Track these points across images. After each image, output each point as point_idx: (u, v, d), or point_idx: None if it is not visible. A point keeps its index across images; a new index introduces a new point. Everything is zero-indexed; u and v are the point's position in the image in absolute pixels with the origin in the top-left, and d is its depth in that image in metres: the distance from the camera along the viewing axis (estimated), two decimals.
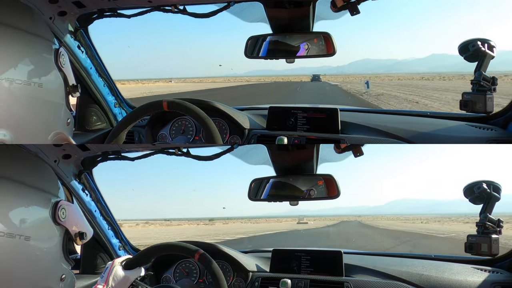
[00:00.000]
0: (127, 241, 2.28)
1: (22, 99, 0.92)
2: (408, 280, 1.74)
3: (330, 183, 1.77)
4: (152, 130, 2.08)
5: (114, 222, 2.16)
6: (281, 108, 2.05)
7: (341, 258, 1.94)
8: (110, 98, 2.18)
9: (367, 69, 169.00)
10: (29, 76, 0.93)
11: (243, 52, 1.79)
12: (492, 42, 1.79)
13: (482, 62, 1.79)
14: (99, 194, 2.04)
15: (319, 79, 43.88)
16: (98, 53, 2.03)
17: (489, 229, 1.74)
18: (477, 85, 1.81)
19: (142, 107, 1.59)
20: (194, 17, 1.73)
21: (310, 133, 1.95)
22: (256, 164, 1.97)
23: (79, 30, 1.86)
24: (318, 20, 1.80)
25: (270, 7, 1.71)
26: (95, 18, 1.82)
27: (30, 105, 0.94)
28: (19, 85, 0.90)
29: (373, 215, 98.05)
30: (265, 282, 1.91)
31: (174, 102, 1.51)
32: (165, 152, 1.66)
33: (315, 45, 1.74)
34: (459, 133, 1.85)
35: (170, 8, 1.71)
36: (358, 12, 1.49)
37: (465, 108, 1.85)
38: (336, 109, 1.98)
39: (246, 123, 2.00)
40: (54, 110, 1.03)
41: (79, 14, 1.76)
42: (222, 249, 2.01)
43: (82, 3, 1.67)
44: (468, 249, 1.79)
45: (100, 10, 1.76)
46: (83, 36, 1.93)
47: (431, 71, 69.58)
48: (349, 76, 50.64)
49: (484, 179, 1.79)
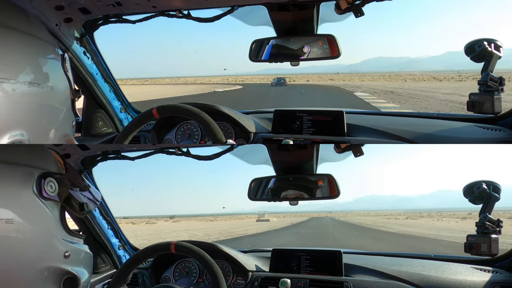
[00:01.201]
0: (127, 240, 2.30)
1: (36, 101, 0.94)
2: (408, 280, 1.74)
3: (330, 183, 1.78)
4: (158, 134, 2.09)
5: (114, 222, 2.17)
6: (287, 111, 2.05)
7: (340, 258, 1.94)
8: (116, 103, 2.20)
9: (380, 67, 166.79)
10: (42, 80, 0.96)
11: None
12: (498, 42, 1.77)
13: (489, 62, 1.78)
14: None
15: (285, 83, 35.43)
16: (103, 58, 2.04)
17: (488, 229, 1.74)
18: (484, 86, 1.80)
19: (139, 117, 1.59)
20: (198, 22, 1.74)
21: (316, 136, 1.95)
22: (256, 164, 1.97)
23: (85, 36, 1.87)
24: (323, 22, 1.80)
25: (274, 11, 1.70)
26: (100, 24, 1.82)
27: (43, 107, 0.97)
28: (34, 88, 0.93)
29: (344, 211, 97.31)
30: (265, 282, 1.91)
31: (164, 108, 1.51)
32: (165, 151, 1.66)
33: (319, 47, 1.74)
34: (466, 135, 1.83)
35: (174, 13, 1.72)
36: (363, 14, 1.48)
37: (473, 109, 1.84)
38: (342, 112, 1.97)
39: (252, 127, 2.00)
40: (63, 112, 1.06)
41: (84, 20, 1.77)
42: (222, 249, 2.01)
43: (88, 10, 1.68)
44: (468, 249, 1.79)
45: (105, 16, 1.77)
46: (89, 42, 1.94)
47: (446, 69, 68.49)
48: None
49: (483, 179, 1.79)
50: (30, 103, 0.93)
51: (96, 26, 1.83)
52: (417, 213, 59.25)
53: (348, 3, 1.46)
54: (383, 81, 39.96)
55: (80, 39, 1.86)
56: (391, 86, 29.32)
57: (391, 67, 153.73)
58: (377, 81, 40.53)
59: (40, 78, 0.96)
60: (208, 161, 1.66)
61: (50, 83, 0.99)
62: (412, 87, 27.56)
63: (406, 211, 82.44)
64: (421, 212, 58.95)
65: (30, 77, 0.93)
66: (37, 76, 0.95)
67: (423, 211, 71.70)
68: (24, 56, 0.94)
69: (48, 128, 1.00)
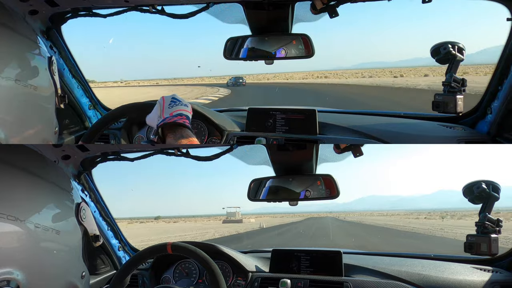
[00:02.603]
0: (126, 241, 2.26)
1: (18, 98, 0.90)
2: (408, 280, 1.74)
3: (329, 183, 1.78)
4: (129, 132, 2.05)
5: (114, 223, 2.13)
6: (260, 109, 2.05)
7: (340, 258, 1.94)
8: (84, 100, 2.12)
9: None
10: (26, 77, 0.92)
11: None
12: (461, 45, 1.87)
13: (453, 64, 1.87)
14: (98, 195, 2.02)
15: (243, 82, 31.69)
16: (71, 53, 1.96)
17: (488, 229, 1.74)
18: (448, 87, 1.88)
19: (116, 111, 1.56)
20: (172, 18, 1.72)
21: (288, 134, 1.97)
22: (255, 164, 1.96)
23: (51, 29, 1.79)
24: (297, 22, 1.82)
25: (249, 9, 1.71)
26: (68, 18, 1.76)
27: (25, 106, 0.92)
28: (18, 85, 0.89)
29: (344, 212, 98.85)
30: (265, 282, 1.91)
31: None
32: (164, 152, 1.64)
33: (293, 47, 1.76)
34: (431, 133, 1.91)
35: (148, 8, 1.68)
36: (337, 14, 1.52)
37: (437, 108, 1.93)
38: (314, 110, 2.00)
39: (226, 125, 1.99)
40: (46, 114, 1.02)
41: (51, 13, 1.69)
42: (222, 249, 2.00)
43: (55, 2, 1.61)
44: (468, 248, 1.79)
45: (74, 9, 1.71)
46: (55, 36, 1.86)
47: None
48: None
49: (483, 179, 1.79)
50: (13, 100, 0.88)
51: (64, 19, 1.76)
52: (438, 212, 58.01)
53: (323, 4, 1.49)
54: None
55: (46, 32, 1.78)
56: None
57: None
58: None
59: (25, 75, 0.91)
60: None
61: (34, 81, 0.94)
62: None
63: (407, 211, 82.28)
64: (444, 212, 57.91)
65: (14, 72, 0.88)
66: (22, 73, 0.91)
67: (427, 211, 71.13)
68: (8, 51, 0.89)
69: (28, 128, 0.95)
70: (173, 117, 1.20)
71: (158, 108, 1.25)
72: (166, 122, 1.20)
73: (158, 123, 1.21)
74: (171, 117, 1.20)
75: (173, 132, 1.19)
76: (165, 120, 1.20)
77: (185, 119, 1.21)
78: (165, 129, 1.21)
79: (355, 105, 14.67)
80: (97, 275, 2.03)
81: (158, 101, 1.28)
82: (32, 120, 0.96)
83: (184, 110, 1.24)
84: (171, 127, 1.20)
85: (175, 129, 1.20)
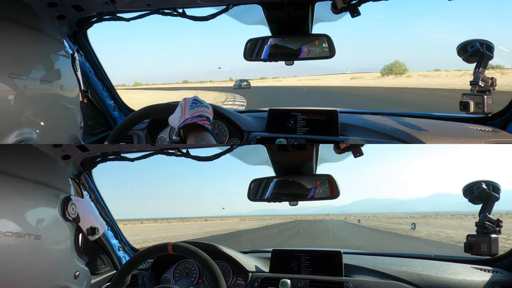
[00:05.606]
0: (126, 241, 2.28)
1: (46, 99, 0.93)
2: (408, 280, 1.74)
3: (329, 183, 1.77)
4: (152, 133, 2.09)
5: (114, 223, 2.16)
6: (281, 111, 2.05)
7: (340, 258, 1.94)
8: (109, 101, 2.18)
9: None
10: (52, 77, 0.94)
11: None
12: (490, 43, 1.79)
13: (481, 62, 1.79)
14: (98, 195, 2.04)
15: (248, 85, 30.82)
16: (97, 57, 2.02)
17: (488, 229, 1.73)
18: (476, 86, 1.81)
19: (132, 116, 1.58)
20: (193, 20, 1.74)
21: (309, 136, 1.95)
22: (256, 164, 1.96)
23: (78, 33, 1.85)
24: (318, 22, 1.80)
25: (268, 10, 1.70)
26: (94, 22, 1.80)
27: (53, 106, 0.95)
28: (45, 85, 0.92)
29: (342, 214, 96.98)
30: (265, 282, 1.91)
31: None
32: (164, 152, 1.65)
33: (315, 47, 1.74)
34: (458, 134, 1.85)
35: (169, 11, 1.71)
36: (359, 13, 1.49)
37: (465, 109, 1.86)
38: (336, 111, 1.98)
39: (247, 126, 2.00)
40: (72, 112, 1.05)
41: (78, 17, 1.75)
42: (222, 249, 2.01)
43: (81, 7, 1.66)
44: (468, 249, 1.77)
45: (99, 13, 1.75)
46: (82, 40, 1.92)
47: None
48: None
49: (483, 179, 1.78)
50: (41, 101, 0.91)
51: (89, 23, 1.81)
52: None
53: (344, 3, 1.46)
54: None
55: (73, 36, 1.84)
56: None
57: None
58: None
59: (51, 75, 0.94)
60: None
61: (60, 81, 0.97)
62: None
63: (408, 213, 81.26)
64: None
65: (41, 73, 0.91)
66: (48, 73, 0.93)
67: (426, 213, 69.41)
68: (35, 52, 0.92)
69: (57, 127, 0.98)
70: (194, 118, 1.22)
71: (180, 110, 1.28)
72: (187, 123, 1.21)
73: (180, 124, 1.23)
74: (192, 118, 1.22)
75: (194, 133, 1.21)
76: (186, 121, 1.22)
77: (205, 120, 1.23)
78: (186, 130, 1.23)
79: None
80: (97, 275, 2.06)
81: (180, 102, 1.30)
82: (60, 118, 0.98)
83: (205, 111, 1.26)
84: (192, 128, 1.22)
85: (196, 130, 1.21)
